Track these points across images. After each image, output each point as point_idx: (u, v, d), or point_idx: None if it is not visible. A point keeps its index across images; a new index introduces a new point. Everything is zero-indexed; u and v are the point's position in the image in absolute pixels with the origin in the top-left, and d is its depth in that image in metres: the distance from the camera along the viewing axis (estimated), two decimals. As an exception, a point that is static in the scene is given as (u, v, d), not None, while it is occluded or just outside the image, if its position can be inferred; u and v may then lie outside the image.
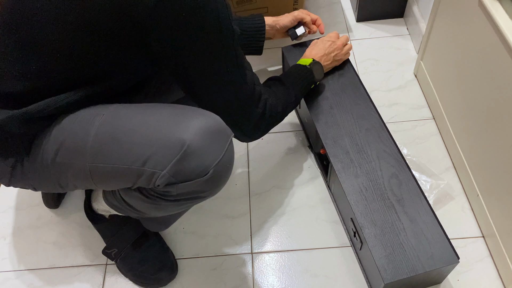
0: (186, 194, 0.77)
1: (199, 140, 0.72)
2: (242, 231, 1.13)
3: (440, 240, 0.90)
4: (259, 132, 0.94)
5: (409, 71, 1.43)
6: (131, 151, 0.73)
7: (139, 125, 0.74)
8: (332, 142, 1.07)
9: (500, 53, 0.89)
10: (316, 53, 1.12)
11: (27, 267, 1.11)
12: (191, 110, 0.77)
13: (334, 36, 1.16)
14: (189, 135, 0.71)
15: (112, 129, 0.75)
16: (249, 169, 1.24)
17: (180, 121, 0.74)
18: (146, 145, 0.73)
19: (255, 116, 0.89)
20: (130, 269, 1.05)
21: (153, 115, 0.76)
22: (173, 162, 0.71)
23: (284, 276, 1.05)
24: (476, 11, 0.97)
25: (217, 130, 0.75)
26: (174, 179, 0.73)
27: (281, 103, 0.97)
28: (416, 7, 1.47)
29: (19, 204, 1.22)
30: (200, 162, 0.73)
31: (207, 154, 0.73)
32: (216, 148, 0.74)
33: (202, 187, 0.76)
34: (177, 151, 0.71)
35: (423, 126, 1.28)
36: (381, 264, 0.89)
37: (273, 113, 0.94)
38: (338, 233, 1.10)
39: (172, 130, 0.73)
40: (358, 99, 1.14)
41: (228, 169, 0.79)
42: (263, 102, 0.90)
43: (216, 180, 0.77)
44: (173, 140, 0.71)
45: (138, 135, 0.74)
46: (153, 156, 0.72)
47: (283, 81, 1.01)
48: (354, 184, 0.99)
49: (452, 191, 1.15)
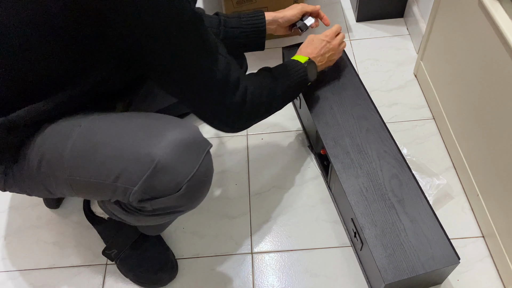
0: (162, 210, 0.76)
1: (170, 155, 0.70)
2: (242, 231, 1.13)
3: (441, 241, 0.90)
4: (240, 122, 0.88)
5: (409, 71, 1.43)
6: (104, 166, 0.72)
7: (112, 139, 0.73)
8: (332, 142, 1.07)
9: (500, 53, 0.89)
10: (311, 51, 1.07)
11: (27, 267, 1.11)
12: (167, 121, 0.74)
13: (331, 36, 1.11)
14: (159, 150, 0.69)
15: (87, 142, 0.73)
16: (249, 169, 1.24)
17: (153, 134, 0.72)
18: (118, 160, 0.71)
19: (233, 104, 0.83)
20: (130, 270, 1.05)
21: (126, 127, 0.74)
22: (143, 178, 0.70)
23: (284, 276, 1.05)
24: (476, 11, 0.97)
25: (190, 144, 0.72)
26: (147, 195, 0.72)
27: (266, 93, 0.90)
28: (416, 7, 1.47)
29: (19, 204, 1.22)
30: (172, 178, 0.71)
31: (178, 170, 0.71)
32: (189, 162, 0.72)
33: (177, 203, 0.75)
34: (147, 168, 0.69)
35: (423, 126, 1.29)
36: (382, 265, 0.89)
37: (255, 102, 0.87)
38: (338, 233, 1.10)
39: (143, 145, 0.71)
40: (358, 99, 1.14)
41: (205, 183, 0.76)
42: (242, 90, 0.83)
43: (191, 195, 0.75)
44: (143, 155, 0.70)
45: (110, 149, 0.72)
46: (124, 172, 0.71)
47: (273, 72, 0.95)
48: (354, 185, 0.99)
49: (452, 191, 1.15)
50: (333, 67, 1.21)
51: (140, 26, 0.67)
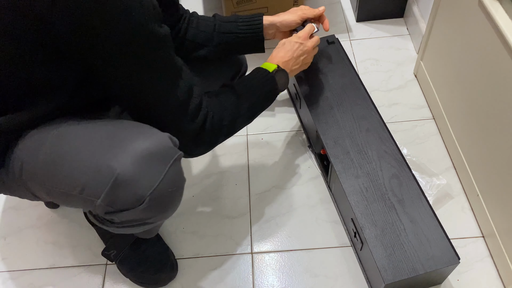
0: (131, 222, 0.74)
1: (130, 168, 0.67)
2: (242, 231, 1.13)
3: (441, 241, 0.90)
4: (200, 148, 0.84)
5: (409, 71, 1.43)
6: (70, 178, 0.70)
7: (78, 150, 0.71)
8: (332, 142, 1.07)
9: (500, 53, 0.89)
10: (283, 55, 0.98)
11: (27, 267, 1.10)
12: (134, 130, 0.72)
13: (304, 36, 1.02)
14: (120, 162, 0.67)
15: (55, 153, 0.72)
16: (249, 169, 1.24)
17: (115, 145, 0.69)
18: (82, 172, 0.69)
19: (192, 130, 0.79)
20: (130, 270, 1.05)
21: (93, 137, 0.72)
22: (105, 192, 0.68)
23: (284, 276, 1.05)
24: (476, 11, 0.97)
25: (153, 154, 0.69)
26: (111, 208, 0.70)
27: (229, 114, 0.86)
28: (416, 7, 1.47)
29: (19, 204, 1.22)
30: (133, 191, 0.68)
31: (140, 182, 0.68)
32: (151, 174, 0.69)
33: (144, 216, 0.72)
34: (107, 181, 0.67)
35: (423, 126, 1.29)
36: (382, 265, 0.89)
37: (216, 126, 0.83)
38: (338, 233, 1.10)
39: (104, 156, 0.68)
40: (358, 99, 1.14)
41: (172, 194, 0.73)
42: (202, 115, 0.80)
43: (157, 207, 0.72)
44: (104, 168, 0.68)
45: (75, 161, 0.70)
46: (88, 185, 0.69)
47: (236, 89, 0.89)
48: (354, 185, 0.99)
49: (452, 191, 1.15)
50: (333, 67, 1.21)
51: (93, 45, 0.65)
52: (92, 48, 0.66)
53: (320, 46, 1.26)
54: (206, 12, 1.69)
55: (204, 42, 1.06)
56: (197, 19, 1.07)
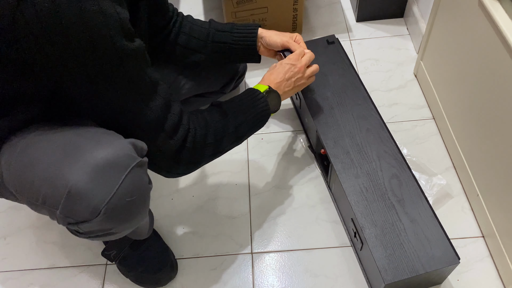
0: (95, 232, 0.72)
1: (83, 179, 0.66)
2: (242, 231, 1.13)
3: (441, 241, 0.90)
4: (183, 166, 0.82)
5: (409, 71, 1.43)
6: (33, 188, 0.70)
7: (39, 160, 0.70)
8: (332, 142, 1.07)
9: (500, 53, 0.89)
10: (274, 78, 0.97)
11: (27, 267, 1.11)
12: (95, 137, 0.70)
13: (295, 59, 0.99)
14: (73, 174, 0.66)
15: (21, 162, 0.71)
16: (249, 169, 1.24)
17: (72, 156, 0.68)
18: (41, 183, 0.69)
19: (169, 148, 0.77)
20: (130, 270, 1.05)
21: (53, 148, 0.70)
22: (61, 203, 0.67)
23: (284, 276, 1.05)
24: (476, 11, 0.97)
25: (108, 164, 0.67)
26: (71, 219, 0.69)
27: (213, 133, 0.83)
28: (416, 7, 1.47)
29: (19, 204, 1.22)
30: (87, 203, 0.66)
31: (93, 194, 0.66)
32: (105, 185, 0.67)
33: (104, 226, 0.70)
34: (62, 192, 0.66)
35: (423, 126, 1.29)
36: (382, 265, 0.89)
37: (198, 144, 0.81)
38: (338, 233, 1.10)
39: (58, 168, 0.67)
40: (358, 99, 1.14)
41: (131, 203, 0.70)
42: (182, 132, 0.78)
43: (115, 217, 0.70)
44: (59, 179, 0.67)
45: (36, 172, 0.69)
46: (47, 195, 0.69)
47: (224, 108, 0.88)
48: (354, 185, 0.99)
49: (452, 191, 1.15)
50: (333, 67, 1.21)
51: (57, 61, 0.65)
52: (56, 65, 0.65)
53: (320, 46, 1.27)
54: (206, 12, 1.69)
55: (196, 49, 1.06)
56: (191, 24, 1.06)
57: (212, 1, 1.72)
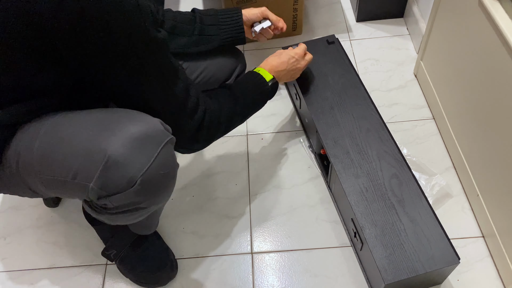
0: (124, 207, 0.74)
1: (121, 150, 0.68)
2: (242, 231, 1.13)
3: (441, 241, 0.90)
4: (198, 144, 0.88)
5: (409, 71, 1.43)
6: (64, 164, 0.71)
7: (71, 136, 0.72)
8: (332, 142, 1.07)
9: (500, 53, 0.89)
10: (277, 65, 1.05)
11: (27, 267, 1.11)
12: (127, 116, 0.73)
13: (300, 54, 1.09)
14: (111, 144, 0.68)
15: (50, 141, 0.73)
16: (249, 169, 1.24)
17: (107, 129, 0.70)
18: (74, 157, 0.70)
19: (190, 128, 0.83)
20: (130, 270, 1.05)
21: (84, 124, 0.73)
22: (97, 174, 0.69)
23: (284, 276, 1.05)
24: (476, 11, 0.97)
25: (144, 137, 0.70)
26: (104, 192, 0.70)
27: (225, 113, 0.90)
28: (416, 7, 1.47)
29: (19, 204, 1.22)
30: (124, 173, 0.69)
31: (131, 164, 0.69)
32: (142, 156, 0.70)
33: (136, 198, 0.73)
34: (99, 163, 0.68)
35: (423, 126, 1.29)
36: (382, 265, 0.89)
37: (213, 124, 0.87)
38: (338, 233, 1.10)
39: (96, 140, 0.69)
40: (358, 99, 1.14)
41: (164, 177, 0.74)
42: (200, 114, 0.84)
43: (149, 189, 0.73)
44: (96, 151, 0.69)
45: (68, 146, 0.71)
46: (81, 169, 0.70)
47: (233, 91, 0.95)
48: (354, 185, 0.99)
49: (452, 191, 1.15)
50: (333, 67, 1.21)
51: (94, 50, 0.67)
52: (95, 56, 0.68)
53: (320, 46, 1.27)
54: (206, 12, 1.69)
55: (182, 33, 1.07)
56: (173, 12, 1.07)
57: (212, 1, 1.72)
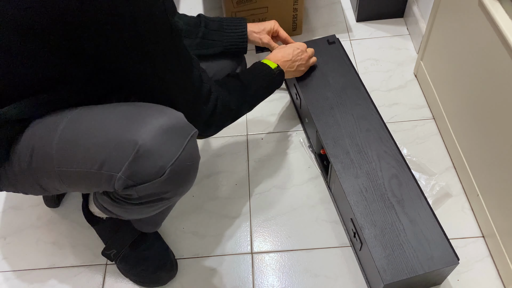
0: (148, 196, 0.75)
1: (152, 140, 0.70)
2: (242, 231, 1.13)
3: (440, 241, 0.90)
4: (210, 130, 0.92)
5: (409, 71, 1.43)
6: (89, 155, 0.72)
7: (97, 127, 0.73)
8: (332, 142, 1.07)
9: (500, 53, 0.89)
10: (282, 56, 1.09)
11: (27, 267, 1.11)
12: (152, 108, 0.75)
13: (303, 48, 1.14)
14: (141, 135, 0.70)
15: (73, 132, 0.74)
16: (249, 169, 1.24)
17: (135, 120, 0.72)
18: (102, 147, 0.71)
19: (204, 114, 0.87)
20: (129, 269, 1.05)
21: (110, 116, 0.74)
22: (126, 164, 0.70)
23: (284, 276, 1.05)
24: (476, 11, 0.97)
25: (173, 128, 0.73)
26: (131, 181, 0.72)
27: (235, 100, 0.94)
28: (416, 7, 1.47)
29: (19, 204, 1.22)
30: (154, 162, 0.71)
31: (161, 154, 0.71)
32: (172, 147, 0.72)
33: (162, 188, 0.74)
34: (129, 152, 0.70)
35: (423, 126, 1.28)
36: (381, 265, 0.89)
37: (225, 110, 0.91)
38: (338, 233, 1.10)
39: (125, 130, 0.71)
40: (358, 99, 1.14)
41: (190, 168, 0.76)
42: (213, 100, 0.87)
43: (176, 179, 0.75)
44: (126, 141, 0.70)
45: (94, 137, 0.72)
46: (108, 159, 0.71)
47: (241, 79, 0.98)
48: (354, 185, 0.99)
49: (452, 191, 1.15)
50: (333, 67, 1.21)
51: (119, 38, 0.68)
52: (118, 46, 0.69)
53: (320, 46, 1.27)
54: (206, 12, 1.69)
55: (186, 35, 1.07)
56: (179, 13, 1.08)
57: (212, 1, 1.72)
